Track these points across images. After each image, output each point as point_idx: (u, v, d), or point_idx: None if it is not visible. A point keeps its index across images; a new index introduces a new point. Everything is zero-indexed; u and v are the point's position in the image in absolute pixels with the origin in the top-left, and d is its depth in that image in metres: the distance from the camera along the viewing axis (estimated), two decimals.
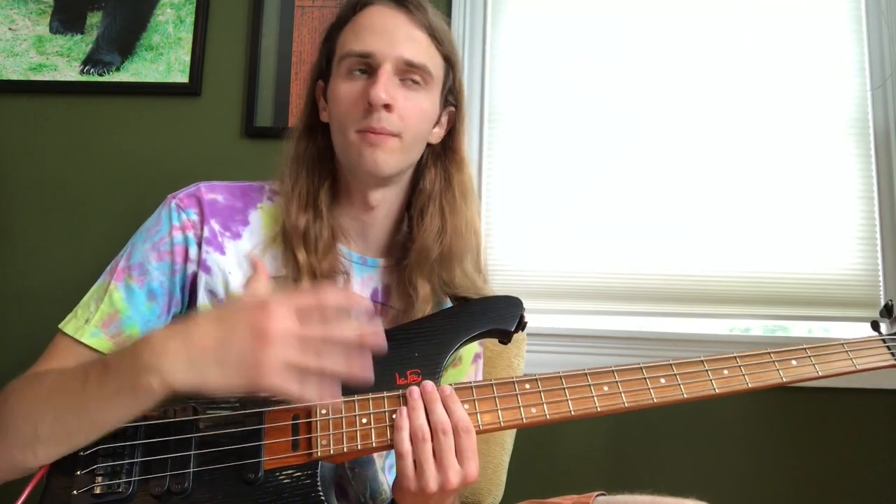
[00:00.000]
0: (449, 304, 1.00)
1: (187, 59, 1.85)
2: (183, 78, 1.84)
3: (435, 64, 0.95)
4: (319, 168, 0.97)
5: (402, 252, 1.00)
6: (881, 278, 1.66)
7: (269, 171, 1.04)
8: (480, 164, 1.79)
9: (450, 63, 0.98)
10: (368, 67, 0.91)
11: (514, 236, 1.77)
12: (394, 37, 0.91)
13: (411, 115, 0.92)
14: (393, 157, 0.92)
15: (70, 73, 1.86)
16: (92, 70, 1.86)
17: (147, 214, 0.98)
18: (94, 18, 1.89)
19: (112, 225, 1.80)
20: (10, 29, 1.88)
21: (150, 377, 0.71)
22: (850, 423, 1.61)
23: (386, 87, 0.88)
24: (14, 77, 1.86)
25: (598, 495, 0.97)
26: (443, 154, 1.00)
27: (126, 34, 1.87)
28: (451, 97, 1.00)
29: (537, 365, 1.61)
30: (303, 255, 0.91)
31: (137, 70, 1.85)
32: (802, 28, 1.77)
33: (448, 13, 1.80)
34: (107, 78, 1.85)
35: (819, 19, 1.77)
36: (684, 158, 1.76)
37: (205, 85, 1.85)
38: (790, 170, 1.72)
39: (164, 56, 1.85)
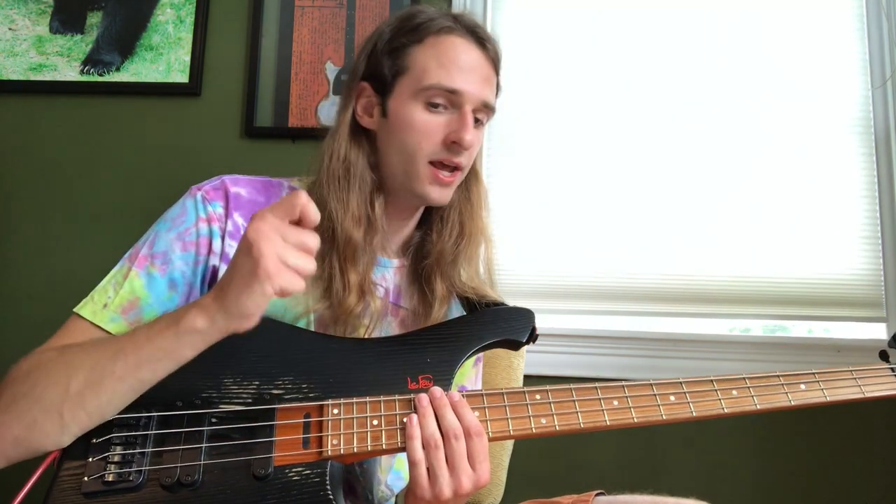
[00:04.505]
0: (457, 306, 1.02)
1: (187, 59, 1.85)
2: (183, 78, 1.84)
3: (495, 101, 0.99)
4: (370, 178, 0.97)
5: (415, 253, 1.03)
6: (882, 278, 1.66)
7: (270, 172, 1.04)
8: (481, 164, 1.78)
9: (498, 94, 1.01)
10: (449, 102, 0.93)
11: (515, 236, 1.77)
12: (477, 77, 0.94)
13: (475, 150, 0.98)
14: (455, 189, 0.99)
15: (70, 73, 1.86)
16: (92, 70, 1.86)
17: (148, 214, 0.98)
18: (94, 18, 1.89)
19: (112, 225, 1.80)
20: (10, 29, 1.88)
21: (196, 314, 0.75)
22: (850, 425, 1.61)
23: (471, 129, 0.93)
24: (14, 77, 1.86)
25: (597, 494, 0.98)
26: None
27: (126, 34, 1.87)
28: None
29: (538, 365, 1.62)
30: (354, 274, 0.92)
31: (137, 70, 1.85)
32: (804, 27, 1.77)
33: None
34: (107, 78, 1.85)
35: (821, 18, 1.77)
36: (686, 158, 1.76)
37: (205, 85, 1.85)
38: (792, 169, 1.72)
39: (164, 56, 1.85)
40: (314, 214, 0.74)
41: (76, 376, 0.76)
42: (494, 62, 0.98)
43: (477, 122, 0.96)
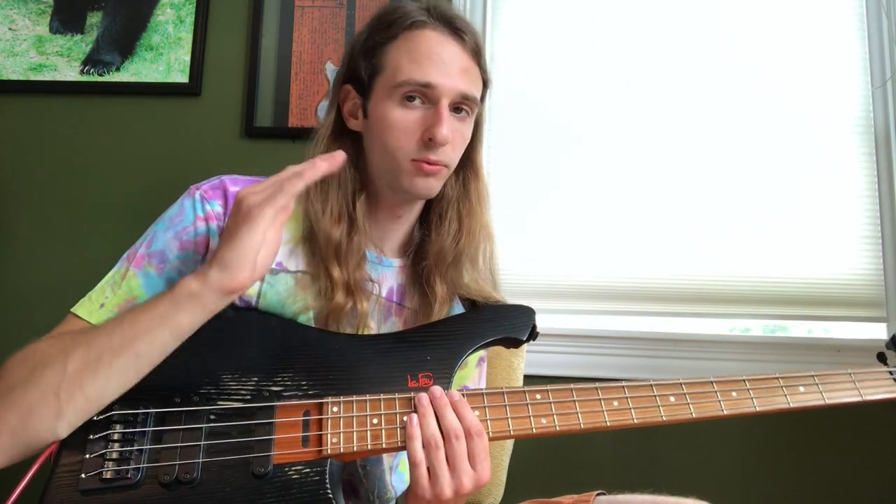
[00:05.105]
0: (459, 306, 1.01)
1: (187, 59, 1.85)
2: (183, 78, 1.84)
3: (479, 91, 0.96)
4: (352, 178, 0.97)
5: (417, 252, 1.02)
6: (883, 278, 1.65)
7: (270, 172, 1.03)
8: (481, 161, 1.78)
9: (486, 85, 0.99)
10: (424, 97, 0.91)
11: (514, 236, 1.77)
12: (451, 69, 0.91)
13: (459, 144, 0.95)
14: (441, 182, 0.96)
15: (70, 73, 1.86)
16: (92, 70, 1.86)
17: (148, 214, 0.98)
18: (94, 18, 1.89)
19: (112, 225, 1.80)
20: (10, 29, 1.88)
21: (190, 279, 0.78)
22: (851, 424, 1.61)
23: (448, 124, 0.90)
24: (14, 77, 1.86)
25: (597, 494, 0.98)
26: (462, 163, 1.01)
27: (126, 34, 1.87)
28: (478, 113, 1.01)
29: (537, 365, 1.62)
30: (336, 271, 0.92)
31: (137, 70, 1.85)
32: (804, 27, 1.77)
33: None
34: (107, 78, 1.85)
35: (821, 18, 1.77)
36: (686, 158, 1.76)
37: (205, 85, 1.85)
38: (792, 169, 1.72)
39: (164, 56, 1.85)
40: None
41: (73, 355, 0.76)
42: (474, 52, 0.95)
43: (460, 111, 0.93)
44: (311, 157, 0.96)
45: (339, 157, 0.80)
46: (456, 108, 0.93)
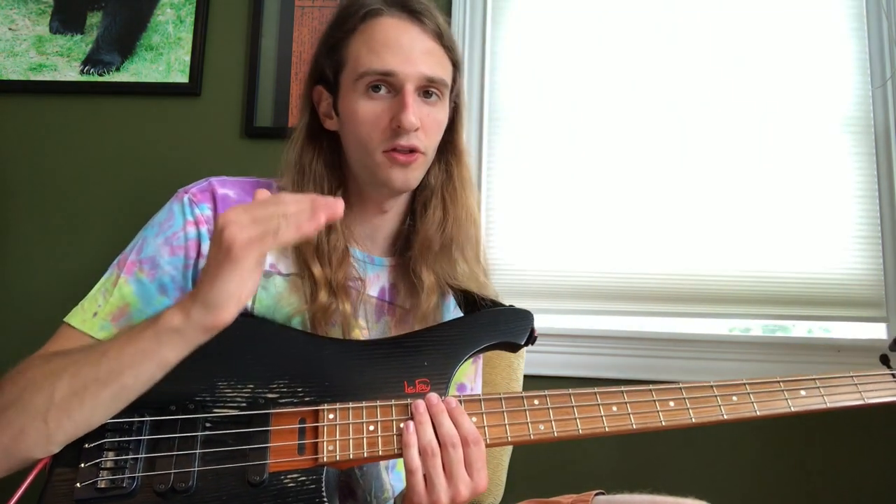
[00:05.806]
0: (451, 297, 1.01)
1: (187, 59, 1.85)
2: (183, 78, 1.84)
3: (447, 73, 0.95)
4: (328, 178, 0.96)
5: (406, 247, 1.01)
6: (882, 278, 1.65)
7: (270, 172, 1.04)
8: (480, 164, 1.78)
9: (456, 67, 0.98)
10: (388, 85, 0.90)
11: (515, 235, 1.77)
12: (412, 53, 0.90)
13: (433, 130, 0.94)
14: (419, 171, 0.95)
15: (70, 73, 1.86)
16: (92, 70, 1.86)
17: (147, 214, 0.98)
18: (94, 18, 1.89)
19: (112, 225, 1.80)
20: (10, 29, 1.88)
21: (174, 312, 0.75)
22: (851, 424, 1.60)
23: (414, 110, 0.89)
24: (14, 77, 1.86)
25: (596, 494, 0.98)
26: (443, 148, 1.00)
27: (126, 34, 1.87)
28: (455, 95, 1.00)
29: (538, 365, 1.62)
30: (318, 270, 0.91)
31: (137, 70, 1.85)
32: (804, 26, 1.77)
33: (448, 12, 1.80)
34: (107, 78, 1.85)
35: (821, 18, 1.77)
36: (687, 158, 1.75)
37: (205, 85, 1.85)
38: (791, 168, 1.72)
39: (164, 56, 1.85)
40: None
41: (60, 383, 0.76)
42: (436, 34, 0.93)
43: (430, 95, 0.92)
44: (286, 158, 0.96)
45: (339, 206, 0.75)
46: (424, 92, 0.92)
